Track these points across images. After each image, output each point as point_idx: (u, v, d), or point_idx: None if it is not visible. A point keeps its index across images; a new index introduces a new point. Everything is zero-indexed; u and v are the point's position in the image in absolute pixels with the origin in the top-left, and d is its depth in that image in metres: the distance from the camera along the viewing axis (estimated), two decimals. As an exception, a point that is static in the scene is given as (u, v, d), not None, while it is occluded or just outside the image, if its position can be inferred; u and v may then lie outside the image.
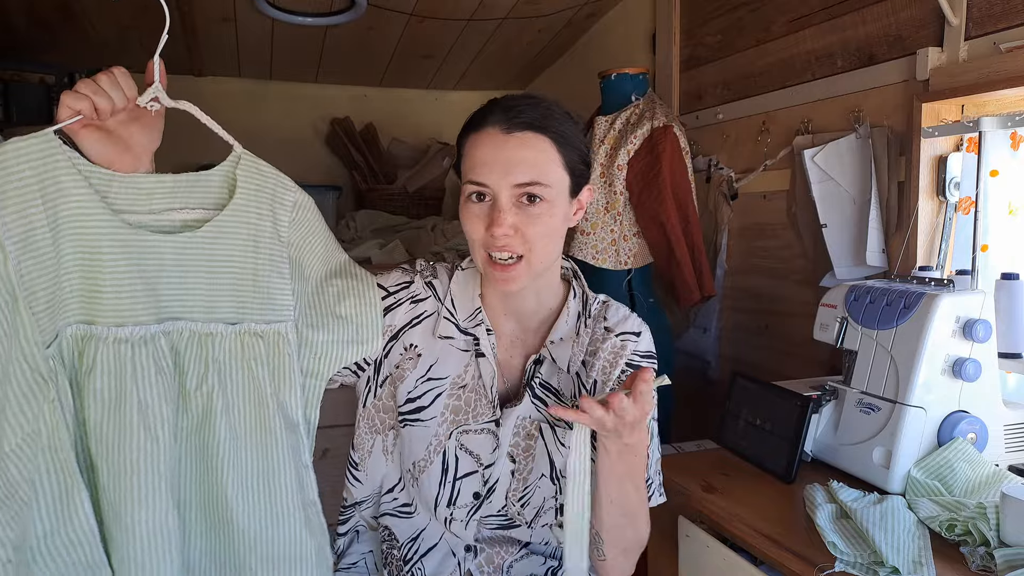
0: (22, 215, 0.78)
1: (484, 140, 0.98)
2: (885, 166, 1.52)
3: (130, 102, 0.86)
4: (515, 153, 0.96)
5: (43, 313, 0.80)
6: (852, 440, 1.23)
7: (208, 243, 0.90)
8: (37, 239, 0.79)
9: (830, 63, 1.68)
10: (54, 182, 0.80)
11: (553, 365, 1.07)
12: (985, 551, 0.94)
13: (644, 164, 1.84)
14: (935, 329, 1.14)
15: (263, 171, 0.95)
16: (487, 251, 0.98)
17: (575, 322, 1.08)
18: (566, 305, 1.08)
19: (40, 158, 0.79)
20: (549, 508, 1.07)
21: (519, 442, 1.06)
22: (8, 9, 2.18)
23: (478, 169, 0.97)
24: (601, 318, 1.10)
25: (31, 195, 0.78)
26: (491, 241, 0.97)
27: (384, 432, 1.09)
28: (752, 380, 1.40)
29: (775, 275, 1.87)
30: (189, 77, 2.93)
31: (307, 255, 0.99)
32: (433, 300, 1.09)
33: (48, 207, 0.79)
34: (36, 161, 0.79)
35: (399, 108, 3.23)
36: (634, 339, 1.08)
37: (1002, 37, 1.30)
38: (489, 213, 0.97)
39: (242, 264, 0.92)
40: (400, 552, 1.09)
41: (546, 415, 1.05)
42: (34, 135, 0.78)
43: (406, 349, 1.07)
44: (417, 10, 2.37)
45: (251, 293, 0.92)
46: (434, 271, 1.12)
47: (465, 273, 1.10)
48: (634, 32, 2.44)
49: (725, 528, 1.14)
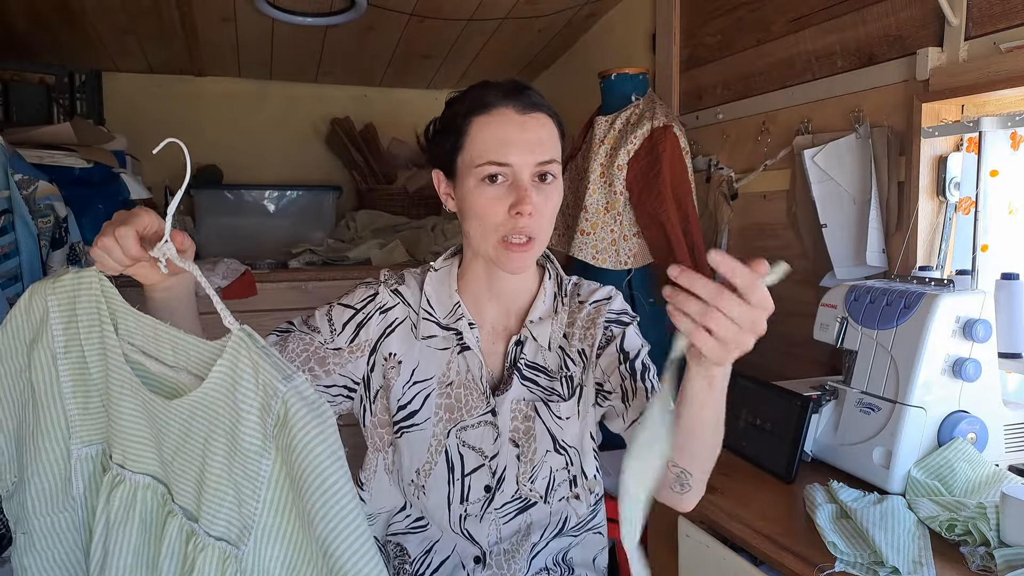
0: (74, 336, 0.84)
1: (500, 120, 0.98)
2: (885, 166, 1.52)
3: (131, 260, 0.81)
4: (535, 133, 0.98)
5: (83, 416, 0.86)
6: (852, 440, 1.23)
7: (186, 416, 0.76)
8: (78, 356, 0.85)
9: (830, 63, 1.68)
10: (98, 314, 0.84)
11: (535, 344, 1.08)
12: (985, 551, 0.94)
13: (644, 164, 1.84)
14: (935, 329, 1.14)
15: (254, 359, 0.71)
16: (502, 236, 0.99)
17: (552, 301, 1.10)
18: (542, 286, 1.10)
19: (88, 287, 0.84)
20: (562, 481, 1.08)
21: (518, 425, 1.06)
22: (8, 9, 2.18)
23: (497, 149, 0.97)
24: (575, 295, 1.12)
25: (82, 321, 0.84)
26: (513, 223, 0.97)
27: (384, 450, 1.09)
28: (752, 380, 1.40)
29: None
30: (189, 77, 2.94)
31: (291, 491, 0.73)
32: (402, 306, 1.08)
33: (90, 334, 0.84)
34: (86, 291, 0.84)
35: (399, 108, 3.23)
36: (607, 302, 1.10)
37: (1002, 37, 1.30)
38: (508, 194, 0.97)
39: (212, 456, 0.75)
40: (412, 567, 1.09)
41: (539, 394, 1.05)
42: (89, 268, 0.83)
43: (387, 359, 1.07)
44: (417, 10, 2.37)
45: (213, 494, 0.75)
46: (400, 278, 1.11)
47: (439, 272, 1.11)
48: (634, 32, 2.44)
49: (725, 528, 1.14)
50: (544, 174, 0.99)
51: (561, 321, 1.09)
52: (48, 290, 0.84)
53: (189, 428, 0.76)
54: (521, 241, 0.98)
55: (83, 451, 0.86)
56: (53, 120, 2.47)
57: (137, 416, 0.81)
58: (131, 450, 0.83)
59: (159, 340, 0.80)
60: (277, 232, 2.78)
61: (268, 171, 3.08)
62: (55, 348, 0.84)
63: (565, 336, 1.09)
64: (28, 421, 0.87)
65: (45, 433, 0.86)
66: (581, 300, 1.11)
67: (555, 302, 1.10)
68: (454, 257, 1.12)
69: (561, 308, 1.10)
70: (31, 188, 1.52)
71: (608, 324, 1.07)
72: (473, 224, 1.01)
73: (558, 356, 1.08)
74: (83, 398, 0.86)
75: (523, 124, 0.98)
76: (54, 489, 0.87)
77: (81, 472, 0.87)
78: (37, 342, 0.85)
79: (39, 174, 1.57)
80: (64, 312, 0.84)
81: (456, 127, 1.01)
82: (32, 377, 0.85)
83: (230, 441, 0.73)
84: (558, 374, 1.07)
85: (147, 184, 2.43)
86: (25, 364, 0.86)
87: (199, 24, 2.41)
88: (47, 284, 0.84)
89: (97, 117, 2.63)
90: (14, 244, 1.49)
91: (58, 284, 0.83)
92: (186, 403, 0.75)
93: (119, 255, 0.79)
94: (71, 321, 0.84)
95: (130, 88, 2.85)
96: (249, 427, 0.71)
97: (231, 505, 0.73)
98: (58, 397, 0.85)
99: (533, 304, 1.09)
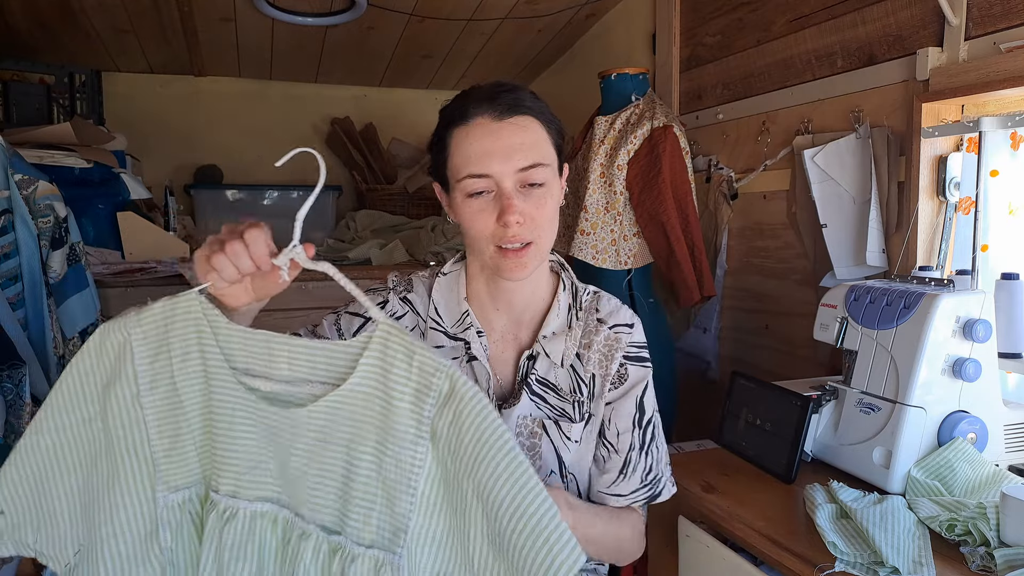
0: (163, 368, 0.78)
1: (477, 131, 0.95)
2: (885, 166, 1.52)
3: (256, 267, 0.77)
4: (513, 138, 0.94)
5: (169, 457, 0.79)
6: (852, 440, 1.23)
7: (322, 424, 0.74)
8: (167, 390, 0.78)
9: (830, 63, 1.68)
10: (196, 339, 0.78)
11: (547, 360, 1.05)
12: (985, 551, 0.94)
13: (644, 164, 1.84)
14: (935, 329, 1.14)
15: (406, 346, 0.72)
16: (497, 244, 0.96)
17: (566, 315, 1.06)
18: (556, 298, 1.06)
19: (185, 313, 0.78)
20: None
21: (523, 441, 1.04)
22: (8, 9, 2.18)
23: (476, 160, 0.94)
24: (593, 309, 1.08)
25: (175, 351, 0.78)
26: (503, 232, 0.94)
27: None
28: (752, 380, 1.40)
29: (775, 275, 1.87)
30: (189, 77, 2.94)
31: (460, 469, 0.70)
32: (412, 315, 1.07)
33: (185, 362, 0.78)
34: (182, 317, 0.78)
35: (399, 108, 3.23)
36: (628, 331, 1.06)
37: (1002, 37, 1.30)
38: (493, 205, 0.95)
39: (357, 460, 0.73)
40: None
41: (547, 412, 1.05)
42: (184, 294, 0.77)
43: None
44: (417, 10, 2.37)
45: (359, 501, 0.73)
46: (408, 284, 1.09)
47: (448, 277, 1.08)
48: (634, 32, 2.44)
49: (725, 528, 1.14)
50: (529, 181, 0.95)
51: (575, 338, 1.05)
52: (131, 324, 0.77)
53: (328, 433, 0.73)
54: (516, 247, 0.95)
55: (170, 498, 0.79)
56: (53, 120, 2.47)
57: (253, 438, 0.76)
58: (245, 477, 0.77)
59: (272, 355, 0.76)
60: (277, 232, 2.75)
61: (268, 171, 3.08)
62: (138, 386, 0.77)
63: (578, 356, 1.05)
64: (101, 475, 0.78)
65: (124, 484, 0.78)
66: (600, 319, 1.07)
67: (569, 315, 1.06)
68: (463, 261, 1.09)
69: (576, 324, 1.06)
70: (31, 188, 1.52)
71: (625, 362, 1.05)
72: (468, 236, 0.99)
73: (569, 375, 1.05)
74: (170, 439, 0.78)
75: (499, 131, 0.94)
76: (136, 546, 0.78)
77: (169, 521, 0.79)
78: (113, 384, 0.77)
79: (39, 174, 1.57)
80: (151, 345, 0.77)
81: (442, 140, 0.99)
82: (108, 424, 0.78)
83: (380, 435, 0.71)
84: (570, 397, 1.04)
85: (147, 184, 2.43)
86: (96, 412, 0.78)
87: (199, 24, 2.41)
88: (129, 319, 0.77)
89: (97, 117, 2.63)
90: (14, 244, 1.49)
91: (145, 316, 0.77)
92: (324, 405, 0.72)
93: (246, 263, 0.76)
94: (159, 353, 0.77)
95: (130, 88, 2.85)
96: (402, 415, 0.70)
97: (382, 507, 0.72)
98: (142, 442, 0.78)
99: (546, 318, 1.05)
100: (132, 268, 1.97)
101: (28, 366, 1.33)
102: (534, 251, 0.97)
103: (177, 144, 2.94)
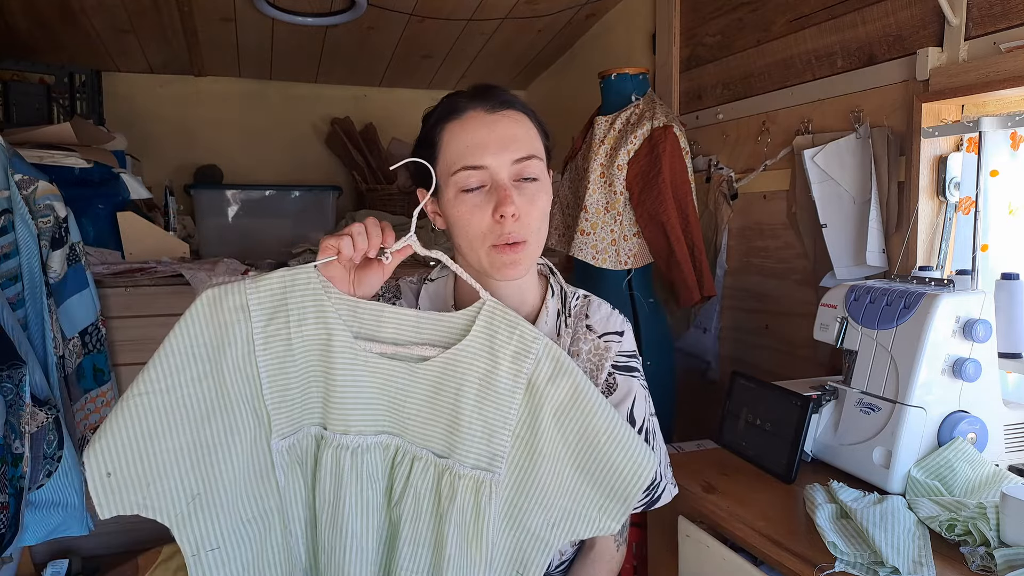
0: (279, 329, 0.88)
1: (471, 123, 0.95)
2: (885, 166, 1.52)
3: (372, 248, 0.90)
4: (507, 130, 0.95)
5: (278, 408, 0.89)
6: (852, 440, 1.23)
7: (436, 375, 0.90)
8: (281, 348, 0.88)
9: (830, 63, 1.68)
10: (314, 305, 0.89)
11: None
12: (985, 551, 0.94)
13: (644, 164, 1.84)
14: (935, 329, 1.14)
15: (508, 319, 0.90)
16: (491, 243, 0.95)
17: (555, 321, 1.05)
18: (544, 305, 1.05)
19: (305, 283, 0.89)
20: None
21: None
22: (8, 9, 2.18)
23: (471, 152, 0.93)
24: (582, 315, 1.07)
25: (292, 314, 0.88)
26: (498, 228, 0.93)
27: None
28: (752, 380, 1.40)
29: (775, 275, 1.87)
30: (189, 77, 2.94)
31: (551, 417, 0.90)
32: None
33: (302, 325, 0.88)
34: (301, 287, 0.89)
35: (399, 108, 3.23)
36: (617, 339, 1.06)
37: (1002, 37, 1.30)
38: (488, 199, 0.94)
39: (463, 403, 0.89)
40: None
41: None
42: (301, 267, 0.89)
43: None
44: (417, 10, 2.37)
45: (466, 433, 0.89)
46: (397, 291, 1.09)
47: (436, 284, 1.08)
48: (634, 32, 2.45)
49: (725, 528, 1.14)
50: (524, 176, 0.95)
51: (564, 345, 1.04)
52: (249, 290, 0.86)
53: (440, 384, 0.90)
54: (511, 241, 0.94)
55: (279, 444, 0.89)
56: (53, 120, 2.47)
57: (369, 385, 0.89)
58: (355, 416, 0.90)
59: (381, 321, 0.91)
60: (277, 232, 2.78)
61: (268, 171, 3.08)
62: (254, 343, 0.86)
63: None
64: (216, 427, 0.85)
65: (241, 434, 0.86)
66: (589, 325, 1.06)
67: (558, 322, 1.05)
68: None
69: (564, 331, 1.05)
70: (31, 188, 1.52)
71: (614, 371, 1.04)
72: (460, 236, 0.97)
73: None
74: (280, 391, 0.88)
75: (494, 123, 0.94)
76: (256, 487, 0.88)
77: (281, 464, 0.89)
78: (225, 343, 0.85)
79: (39, 174, 1.57)
80: (266, 308, 0.87)
81: (431, 139, 0.99)
82: (222, 379, 0.85)
83: (482, 386, 0.89)
84: None
85: (147, 184, 2.43)
86: (207, 370, 0.84)
87: (199, 24, 2.41)
88: (243, 285, 0.86)
89: (97, 117, 2.63)
90: (14, 244, 1.49)
91: (262, 283, 0.87)
92: (440, 361, 0.89)
93: (363, 243, 0.88)
94: (274, 316, 0.87)
95: (130, 88, 2.85)
96: (503, 372, 0.89)
97: (481, 439, 0.89)
98: (256, 395, 0.87)
99: (535, 324, 1.04)
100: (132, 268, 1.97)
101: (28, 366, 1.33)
102: (528, 249, 0.96)
103: (177, 144, 2.95)
